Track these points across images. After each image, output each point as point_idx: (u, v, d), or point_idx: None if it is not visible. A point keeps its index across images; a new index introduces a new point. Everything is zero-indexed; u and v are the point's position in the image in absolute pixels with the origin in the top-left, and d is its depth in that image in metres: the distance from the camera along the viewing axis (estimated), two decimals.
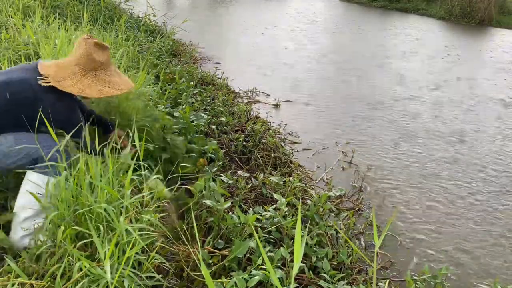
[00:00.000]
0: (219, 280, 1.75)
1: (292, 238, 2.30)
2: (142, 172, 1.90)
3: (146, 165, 1.98)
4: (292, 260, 2.08)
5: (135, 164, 1.81)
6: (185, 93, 4.01)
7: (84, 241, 1.58)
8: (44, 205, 1.67)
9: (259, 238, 2.09)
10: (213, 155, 3.02)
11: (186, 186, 2.34)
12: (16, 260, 1.59)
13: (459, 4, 13.21)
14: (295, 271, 0.82)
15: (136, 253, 1.58)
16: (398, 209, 3.08)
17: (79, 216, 1.65)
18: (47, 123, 1.69)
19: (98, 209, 1.60)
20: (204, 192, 2.27)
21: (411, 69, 7.37)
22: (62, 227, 1.57)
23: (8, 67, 2.67)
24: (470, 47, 10.12)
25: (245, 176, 2.89)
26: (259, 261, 1.87)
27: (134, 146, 2.01)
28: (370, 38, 9.90)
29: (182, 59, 6.13)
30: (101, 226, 1.57)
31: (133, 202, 1.74)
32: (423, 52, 8.69)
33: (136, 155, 1.85)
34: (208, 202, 2.15)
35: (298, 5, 14.97)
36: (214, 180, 2.59)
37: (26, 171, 1.79)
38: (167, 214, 2.03)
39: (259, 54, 7.57)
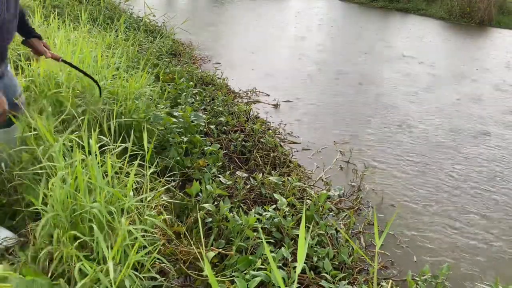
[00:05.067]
0: (220, 278, 1.75)
1: (293, 238, 2.30)
2: (147, 172, 1.88)
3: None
4: (293, 260, 2.08)
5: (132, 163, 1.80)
6: (184, 93, 4.01)
7: (80, 239, 1.55)
8: None
9: (259, 238, 2.08)
10: (213, 156, 3.00)
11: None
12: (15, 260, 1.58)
13: (459, 4, 13.20)
14: (298, 271, 0.82)
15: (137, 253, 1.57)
16: (397, 208, 3.07)
17: (77, 217, 1.62)
18: None
19: (95, 210, 1.58)
20: (201, 195, 2.26)
21: (412, 70, 7.36)
22: (58, 230, 1.55)
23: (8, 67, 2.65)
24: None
25: (244, 177, 2.88)
26: (259, 264, 1.86)
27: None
28: (371, 39, 9.89)
29: (182, 59, 6.13)
30: (101, 228, 1.55)
31: (134, 203, 1.73)
32: (423, 52, 8.69)
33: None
34: (207, 206, 2.14)
35: (298, 5, 14.96)
36: (213, 181, 2.59)
37: None
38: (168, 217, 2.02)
39: (259, 54, 7.56)
